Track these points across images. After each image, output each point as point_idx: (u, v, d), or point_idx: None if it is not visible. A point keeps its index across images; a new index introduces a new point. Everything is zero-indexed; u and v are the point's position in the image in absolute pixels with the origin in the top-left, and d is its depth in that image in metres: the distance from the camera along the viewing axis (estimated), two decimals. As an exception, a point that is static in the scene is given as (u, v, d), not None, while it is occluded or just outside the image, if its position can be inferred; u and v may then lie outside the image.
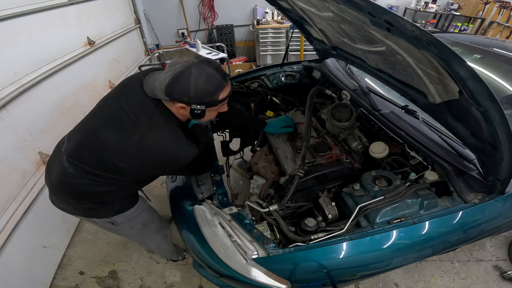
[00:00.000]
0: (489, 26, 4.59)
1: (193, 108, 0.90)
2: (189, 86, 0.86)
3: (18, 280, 1.58)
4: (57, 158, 1.03)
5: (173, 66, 0.89)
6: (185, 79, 0.86)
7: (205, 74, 0.88)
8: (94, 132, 0.95)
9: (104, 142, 0.93)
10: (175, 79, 0.86)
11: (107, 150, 0.93)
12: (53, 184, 1.04)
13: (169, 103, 0.94)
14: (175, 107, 0.93)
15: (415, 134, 1.26)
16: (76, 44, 2.42)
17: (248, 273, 0.95)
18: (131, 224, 1.23)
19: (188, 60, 0.89)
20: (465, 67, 0.63)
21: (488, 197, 1.06)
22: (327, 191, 1.30)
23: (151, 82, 0.94)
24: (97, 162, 0.96)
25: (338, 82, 1.69)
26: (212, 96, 0.90)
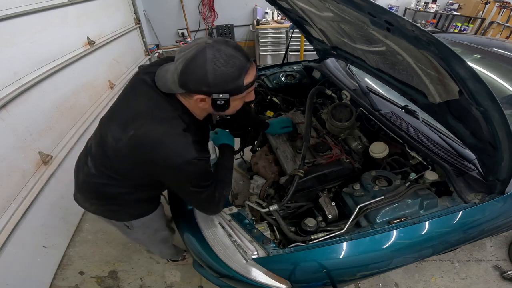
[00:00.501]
0: (489, 26, 4.59)
1: (215, 98, 0.76)
2: (207, 71, 0.72)
3: (18, 280, 1.58)
4: (84, 158, 1.02)
5: (184, 52, 0.75)
6: (200, 64, 0.72)
7: (224, 55, 0.73)
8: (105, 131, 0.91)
9: (109, 141, 0.87)
10: (188, 66, 0.73)
11: (111, 149, 0.88)
12: (79, 184, 1.04)
13: (186, 97, 0.82)
14: (193, 101, 0.81)
15: (415, 134, 1.26)
16: (76, 44, 2.42)
17: (248, 273, 0.95)
18: (144, 230, 1.22)
19: (200, 41, 0.75)
20: (465, 67, 0.63)
21: (488, 197, 1.06)
22: (327, 191, 1.30)
23: (163, 75, 0.82)
24: (108, 162, 0.92)
25: (338, 82, 1.69)
26: (235, 81, 0.75)
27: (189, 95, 0.80)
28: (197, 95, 0.77)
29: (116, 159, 0.89)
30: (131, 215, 1.12)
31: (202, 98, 0.78)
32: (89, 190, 1.02)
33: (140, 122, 0.80)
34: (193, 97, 0.79)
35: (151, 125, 0.79)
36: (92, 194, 1.03)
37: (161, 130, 0.79)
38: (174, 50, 4.29)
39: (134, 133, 0.80)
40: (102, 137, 0.91)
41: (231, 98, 0.78)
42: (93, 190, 1.01)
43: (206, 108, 0.84)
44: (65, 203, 2.01)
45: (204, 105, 0.81)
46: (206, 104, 0.81)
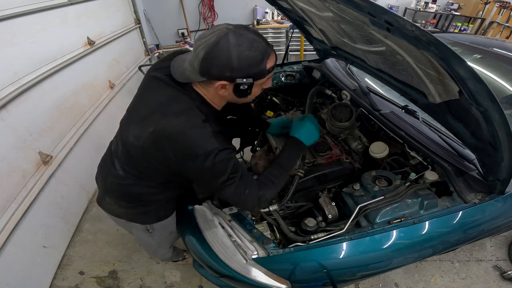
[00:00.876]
0: (489, 26, 4.59)
1: (239, 83, 0.76)
2: (231, 55, 0.72)
3: (18, 280, 1.58)
4: (110, 160, 1.00)
5: (204, 38, 0.74)
6: (224, 49, 0.71)
7: (247, 39, 0.73)
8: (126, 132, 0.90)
9: (131, 141, 0.86)
10: (211, 52, 0.72)
11: (134, 148, 0.87)
12: (107, 186, 1.02)
13: (204, 86, 0.82)
14: (213, 88, 0.80)
15: (415, 134, 1.26)
16: (76, 44, 2.42)
17: (248, 273, 0.95)
18: (162, 232, 1.21)
19: (221, 27, 0.74)
20: (465, 67, 0.63)
21: (488, 197, 1.06)
22: (327, 191, 1.30)
23: (180, 65, 0.82)
24: (133, 162, 0.92)
25: (338, 82, 1.69)
26: (259, 65, 0.76)
27: (209, 83, 0.79)
28: (219, 81, 0.77)
29: (140, 157, 0.89)
30: (156, 217, 1.11)
31: (224, 85, 0.77)
32: (119, 192, 1.01)
33: (158, 117, 0.79)
34: (214, 85, 0.78)
35: (169, 118, 0.78)
36: (122, 196, 1.02)
37: (180, 122, 0.77)
38: (174, 50, 4.29)
39: (154, 128, 0.79)
40: (124, 138, 0.91)
41: (253, 84, 0.78)
42: (123, 192, 1.00)
43: (226, 95, 0.82)
44: (65, 203, 2.01)
45: (225, 92, 0.80)
46: (227, 91, 0.80)
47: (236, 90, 0.79)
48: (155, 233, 1.18)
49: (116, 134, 1.02)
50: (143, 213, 1.08)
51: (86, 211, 2.24)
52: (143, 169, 0.93)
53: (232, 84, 0.77)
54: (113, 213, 1.10)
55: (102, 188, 1.07)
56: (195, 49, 0.76)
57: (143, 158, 0.88)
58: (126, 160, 0.94)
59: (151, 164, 0.89)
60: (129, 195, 1.01)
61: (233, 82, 0.77)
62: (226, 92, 0.81)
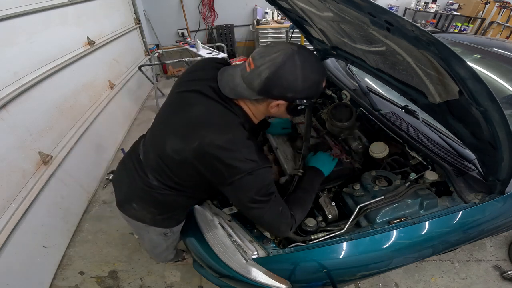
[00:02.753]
0: (489, 26, 4.59)
1: (298, 103, 0.77)
2: (297, 77, 0.73)
3: (18, 280, 1.58)
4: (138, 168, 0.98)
5: (268, 57, 0.73)
6: (290, 70, 0.72)
7: (310, 61, 0.75)
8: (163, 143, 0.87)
9: (170, 153, 0.85)
10: (277, 72, 0.72)
11: (172, 161, 0.86)
12: (135, 193, 1.00)
13: (254, 103, 0.82)
14: (264, 106, 0.81)
15: (415, 134, 1.26)
16: (76, 44, 2.42)
17: (248, 273, 0.95)
18: (175, 235, 1.20)
19: (285, 47, 0.74)
20: (465, 67, 0.63)
21: (488, 197, 1.06)
22: (327, 191, 1.29)
23: (229, 80, 0.81)
24: (171, 174, 0.91)
25: (338, 82, 1.69)
26: (319, 86, 0.78)
27: (263, 101, 0.80)
28: (277, 101, 0.78)
29: (179, 170, 0.88)
30: (177, 221, 1.11)
31: (280, 104, 0.79)
32: (152, 200, 0.98)
33: (204, 132, 0.79)
34: (267, 103, 0.80)
35: (215, 134, 0.78)
36: (154, 204, 1.00)
37: (226, 138, 0.77)
38: (174, 50, 4.30)
39: (199, 143, 0.78)
40: (160, 150, 0.89)
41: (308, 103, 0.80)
42: (157, 200, 0.98)
43: (276, 113, 0.84)
44: (65, 203, 2.01)
45: (277, 110, 0.82)
46: (280, 109, 0.81)
47: (292, 110, 0.80)
48: (170, 236, 1.17)
49: (146, 143, 1.01)
50: (168, 218, 1.07)
51: (86, 211, 2.24)
52: (180, 180, 0.92)
53: (288, 103, 0.78)
54: (136, 218, 1.06)
55: (127, 194, 1.03)
56: (257, 66, 0.74)
57: (182, 171, 0.88)
58: (162, 171, 0.92)
59: (190, 176, 0.89)
60: (162, 204, 1.00)
61: (292, 103, 0.78)
62: (278, 110, 0.82)
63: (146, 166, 0.97)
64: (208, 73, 0.89)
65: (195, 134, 0.79)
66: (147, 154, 0.97)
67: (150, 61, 3.89)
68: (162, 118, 0.95)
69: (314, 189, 1.06)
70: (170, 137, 0.86)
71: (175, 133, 0.85)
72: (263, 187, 0.81)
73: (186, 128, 0.82)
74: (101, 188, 2.47)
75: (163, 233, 1.14)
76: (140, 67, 3.34)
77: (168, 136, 0.87)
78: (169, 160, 0.88)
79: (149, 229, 1.10)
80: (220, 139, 0.77)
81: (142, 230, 1.12)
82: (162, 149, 0.88)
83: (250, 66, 0.77)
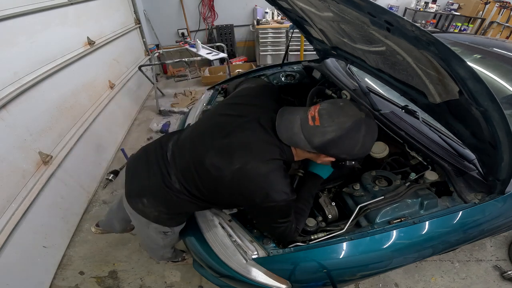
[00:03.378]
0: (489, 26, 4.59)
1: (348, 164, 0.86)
2: (357, 144, 0.79)
3: (18, 280, 1.58)
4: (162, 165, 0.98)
5: (337, 119, 0.78)
6: (354, 138, 0.79)
7: (372, 131, 0.82)
8: (202, 155, 0.90)
9: (207, 167, 0.87)
10: (342, 137, 0.78)
11: (207, 174, 0.88)
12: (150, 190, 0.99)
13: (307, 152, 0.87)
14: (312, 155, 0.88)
15: (415, 134, 1.26)
16: (76, 44, 2.42)
17: (248, 273, 0.95)
18: (175, 235, 1.20)
19: (355, 113, 0.80)
20: (465, 67, 0.63)
21: (488, 197, 1.06)
22: (327, 191, 1.30)
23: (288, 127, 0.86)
24: (200, 184, 0.92)
25: (338, 82, 1.69)
26: (368, 150, 0.85)
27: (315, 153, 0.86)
28: (327, 158, 0.85)
29: (211, 185, 0.90)
30: (179, 222, 1.12)
31: (331, 159, 0.86)
32: (167, 201, 0.98)
33: (248, 158, 0.83)
34: (319, 155, 0.86)
35: (258, 162, 0.83)
36: (167, 205, 1.00)
37: (267, 169, 0.83)
38: (174, 50, 4.30)
39: (240, 167, 0.83)
40: (199, 160, 0.90)
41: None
42: (169, 201, 0.98)
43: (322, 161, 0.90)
44: (65, 203, 2.01)
45: (323, 161, 0.89)
46: (326, 161, 0.88)
47: (337, 165, 0.88)
48: (170, 235, 1.17)
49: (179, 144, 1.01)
50: (173, 219, 1.08)
51: (86, 211, 2.24)
52: (207, 192, 0.93)
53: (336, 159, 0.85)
54: (141, 213, 1.04)
55: (140, 188, 1.02)
56: (323, 125, 0.79)
57: (213, 186, 0.90)
58: (191, 178, 0.93)
59: (222, 194, 0.91)
60: (174, 205, 1.00)
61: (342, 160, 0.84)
62: (324, 161, 0.89)
63: (173, 167, 0.96)
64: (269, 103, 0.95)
65: (240, 158, 0.84)
66: (180, 157, 0.97)
67: (150, 61, 3.89)
68: (209, 128, 0.96)
69: (313, 195, 1.10)
70: (213, 152, 0.88)
71: (220, 150, 0.88)
72: (286, 214, 0.89)
73: (233, 149, 0.86)
74: (101, 188, 2.47)
75: (163, 232, 1.13)
76: (140, 67, 3.34)
77: (212, 150, 0.89)
78: (204, 172, 0.89)
79: (150, 225, 1.09)
80: (263, 168, 0.82)
81: (143, 225, 1.12)
82: (200, 160, 0.89)
83: (314, 121, 0.81)
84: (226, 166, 0.84)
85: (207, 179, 0.90)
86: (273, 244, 1.01)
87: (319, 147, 0.80)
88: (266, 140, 0.87)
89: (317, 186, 1.12)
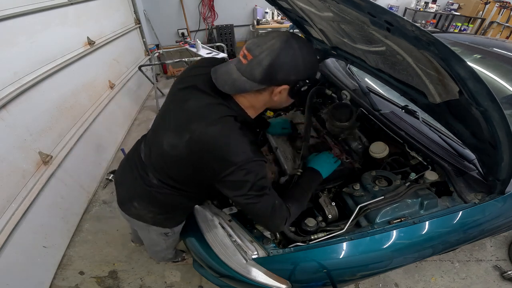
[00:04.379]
0: (489, 26, 4.59)
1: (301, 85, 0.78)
2: (298, 59, 0.74)
3: (18, 280, 1.57)
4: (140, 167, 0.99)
5: (265, 45, 0.73)
6: (290, 53, 0.73)
7: (305, 44, 0.76)
8: (161, 140, 0.88)
9: (167, 149, 0.85)
10: (279, 57, 0.72)
11: (169, 157, 0.86)
12: (136, 193, 1.00)
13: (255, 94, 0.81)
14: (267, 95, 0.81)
15: (415, 134, 1.26)
16: (76, 44, 2.42)
17: (248, 273, 0.95)
18: (176, 235, 1.20)
19: (279, 34, 0.75)
20: (465, 67, 0.63)
21: (488, 197, 1.06)
22: (327, 191, 1.29)
23: (226, 77, 0.79)
24: (169, 172, 0.91)
25: (338, 82, 1.69)
26: (315, 65, 0.80)
27: (265, 90, 0.79)
28: (280, 87, 0.77)
29: (176, 167, 0.88)
30: (177, 222, 1.12)
31: (283, 89, 0.78)
32: (153, 200, 0.99)
33: (194, 125, 0.78)
34: (271, 91, 0.79)
35: (205, 127, 0.77)
36: (155, 204, 1.00)
37: (217, 130, 0.76)
38: (174, 50, 4.30)
39: (190, 136, 0.78)
40: (158, 147, 0.89)
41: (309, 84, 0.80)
42: (157, 200, 0.98)
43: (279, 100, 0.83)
44: (65, 203, 2.01)
45: (280, 97, 0.82)
46: (283, 95, 0.81)
47: (295, 93, 0.80)
48: (171, 236, 1.17)
49: (147, 142, 1.01)
50: (169, 218, 1.08)
51: (86, 211, 2.24)
52: (178, 178, 0.92)
53: (290, 87, 0.78)
54: (137, 217, 1.06)
55: (128, 193, 1.04)
56: (255, 56, 0.74)
57: (179, 167, 0.88)
58: (161, 169, 0.93)
59: (187, 174, 0.88)
60: (162, 203, 1.00)
61: (295, 85, 0.78)
62: (281, 96, 0.82)
63: (147, 165, 0.97)
64: (206, 69, 0.87)
65: (187, 128, 0.79)
66: (150, 153, 0.97)
67: (150, 61, 3.89)
68: (161, 116, 0.95)
69: (310, 188, 1.06)
70: (167, 134, 0.86)
71: (171, 129, 0.85)
72: (257, 181, 0.79)
73: (180, 123, 0.82)
74: (101, 188, 2.47)
75: (164, 233, 1.14)
76: (140, 67, 3.34)
77: (166, 133, 0.87)
78: (167, 158, 0.87)
79: (150, 228, 1.10)
80: (210, 131, 0.76)
81: (143, 229, 1.12)
82: (161, 147, 0.88)
83: (246, 58, 0.75)
84: (179, 141, 0.80)
85: (171, 164, 0.88)
86: (273, 244, 1.01)
87: (264, 78, 0.74)
88: (209, 102, 0.81)
89: (315, 180, 1.09)
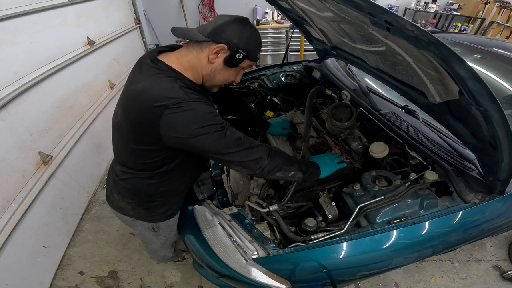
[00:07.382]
0: (489, 26, 4.59)
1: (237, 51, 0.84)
2: (245, 30, 0.85)
3: (18, 280, 1.57)
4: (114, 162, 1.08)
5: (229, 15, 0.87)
6: (241, 24, 0.85)
7: (256, 30, 0.90)
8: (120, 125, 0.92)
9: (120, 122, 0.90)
10: (231, 23, 0.84)
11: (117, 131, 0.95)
12: (113, 184, 1.07)
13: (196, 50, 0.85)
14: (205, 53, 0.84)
15: (415, 134, 1.26)
16: (76, 44, 2.41)
17: (248, 273, 0.95)
18: (167, 232, 1.22)
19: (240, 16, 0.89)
20: (465, 67, 0.63)
21: (488, 197, 1.06)
22: (327, 191, 1.30)
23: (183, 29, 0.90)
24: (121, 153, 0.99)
25: (338, 82, 1.70)
26: (256, 48, 0.90)
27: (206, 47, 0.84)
28: (219, 45, 0.82)
29: (124, 141, 0.93)
30: (163, 216, 1.12)
31: (222, 49, 0.83)
32: (121, 188, 1.04)
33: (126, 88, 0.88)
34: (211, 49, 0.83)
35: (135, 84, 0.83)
36: (124, 192, 1.05)
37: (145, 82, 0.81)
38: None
39: (123, 97, 0.88)
40: (116, 125, 0.95)
41: (244, 59, 0.87)
42: (124, 187, 1.03)
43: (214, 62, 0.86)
44: (65, 203, 2.01)
45: (214, 58, 0.85)
46: (218, 59, 0.86)
47: (229, 57, 0.86)
48: (160, 232, 1.19)
49: None
50: (148, 209, 1.08)
51: (86, 211, 2.24)
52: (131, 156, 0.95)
53: (228, 52, 0.84)
54: (121, 211, 1.11)
55: (109, 186, 1.13)
56: (215, 19, 0.86)
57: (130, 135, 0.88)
58: (120, 150, 1.00)
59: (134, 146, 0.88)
60: (130, 190, 1.03)
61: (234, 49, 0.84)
62: (216, 59, 0.86)
63: (117, 158, 1.05)
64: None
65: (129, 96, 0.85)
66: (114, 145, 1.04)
67: (150, 61, 3.89)
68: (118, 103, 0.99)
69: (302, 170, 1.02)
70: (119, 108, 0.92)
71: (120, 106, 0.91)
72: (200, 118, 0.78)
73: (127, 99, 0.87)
74: (101, 188, 2.47)
75: (151, 228, 1.15)
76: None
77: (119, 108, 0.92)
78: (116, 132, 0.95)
79: (136, 223, 1.14)
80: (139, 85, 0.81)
81: (131, 225, 1.17)
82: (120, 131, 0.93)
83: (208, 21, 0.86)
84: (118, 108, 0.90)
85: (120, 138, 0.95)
86: (273, 244, 1.01)
87: (211, 32, 0.82)
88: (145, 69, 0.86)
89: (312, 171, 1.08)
